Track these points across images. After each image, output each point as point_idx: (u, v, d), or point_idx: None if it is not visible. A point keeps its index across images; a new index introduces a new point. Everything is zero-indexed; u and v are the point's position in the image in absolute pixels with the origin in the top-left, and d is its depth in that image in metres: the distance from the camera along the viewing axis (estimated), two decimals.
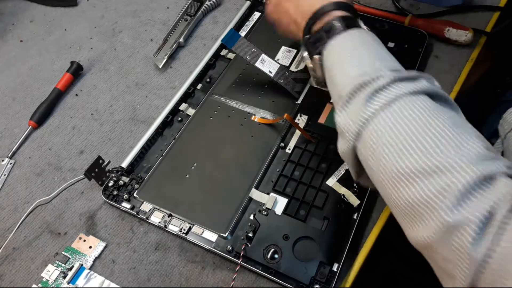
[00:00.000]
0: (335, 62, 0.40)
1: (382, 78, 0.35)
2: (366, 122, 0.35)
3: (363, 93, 0.35)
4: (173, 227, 0.48)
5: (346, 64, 0.38)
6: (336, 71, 0.39)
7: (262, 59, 0.58)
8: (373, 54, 0.39)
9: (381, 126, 0.34)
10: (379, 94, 0.35)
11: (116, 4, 0.76)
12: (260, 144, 0.54)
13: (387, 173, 0.33)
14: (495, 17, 0.67)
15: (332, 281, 0.43)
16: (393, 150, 0.33)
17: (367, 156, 0.35)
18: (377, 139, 0.34)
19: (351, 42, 0.40)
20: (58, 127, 0.60)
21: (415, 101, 0.34)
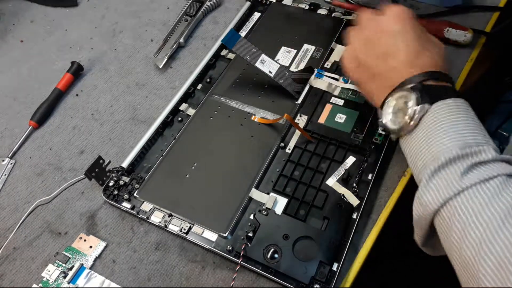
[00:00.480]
0: (441, 122, 0.38)
1: (484, 153, 0.35)
2: (461, 192, 0.34)
3: (464, 163, 0.35)
4: (173, 227, 0.48)
5: (452, 128, 0.37)
6: (438, 132, 0.38)
7: (262, 59, 0.58)
8: (478, 128, 0.38)
9: (476, 199, 0.33)
10: (480, 168, 0.34)
11: (117, 5, 0.76)
12: (260, 144, 0.54)
13: (474, 251, 0.32)
14: (494, 17, 0.67)
15: (332, 280, 0.43)
16: (486, 228, 0.32)
17: (451, 227, 0.34)
18: (469, 212, 0.33)
19: (459, 109, 0.39)
20: (58, 127, 0.60)
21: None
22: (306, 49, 0.64)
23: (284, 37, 0.66)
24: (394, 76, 0.42)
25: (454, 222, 0.34)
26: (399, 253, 0.74)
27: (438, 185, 0.35)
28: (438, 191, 0.35)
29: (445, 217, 0.35)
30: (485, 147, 0.35)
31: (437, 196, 0.35)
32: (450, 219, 0.34)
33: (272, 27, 0.68)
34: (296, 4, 0.71)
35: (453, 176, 0.34)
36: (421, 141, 0.39)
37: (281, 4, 0.71)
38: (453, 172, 0.35)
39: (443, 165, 0.35)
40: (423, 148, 0.38)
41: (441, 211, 0.35)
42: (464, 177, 0.34)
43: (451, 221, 0.34)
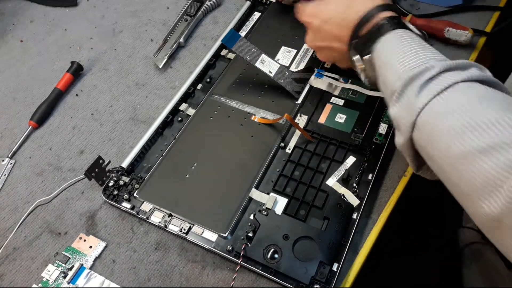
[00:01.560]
0: (385, 60, 0.41)
1: (432, 68, 0.36)
2: (420, 112, 0.35)
3: (414, 85, 0.36)
4: (173, 227, 0.48)
5: (395, 60, 0.39)
6: (386, 68, 0.41)
7: (262, 59, 0.58)
8: (420, 49, 0.39)
9: (435, 112, 0.35)
10: (431, 84, 0.36)
11: (116, 4, 0.76)
12: (260, 144, 0.54)
13: (447, 157, 0.34)
14: (495, 17, 0.67)
15: (332, 281, 0.43)
16: (451, 134, 0.33)
17: (425, 145, 0.36)
18: (433, 126, 0.35)
19: (398, 40, 0.41)
20: (58, 127, 0.60)
21: (467, 87, 0.35)
22: (306, 49, 0.64)
23: (284, 37, 0.66)
24: (342, 38, 0.47)
25: (425, 141, 0.36)
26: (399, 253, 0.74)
27: (402, 114, 0.37)
28: (404, 118, 0.37)
29: (418, 139, 0.37)
30: (430, 62, 0.37)
31: (404, 124, 0.37)
32: (422, 140, 0.36)
33: (272, 27, 0.68)
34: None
35: (410, 101, 0.36)
36: (380, 82, 0.43)
37: (281, 4, 0.71)
38: (409, 97, 0.37)
39: (400, 94, 0.38)
40: (383, 88, 0.42)
41: (414, 136, 0.37)
42: (418, 97, 0.36)
43: (423, 141, 0.36)
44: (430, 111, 0.35)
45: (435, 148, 0.35)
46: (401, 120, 0.37)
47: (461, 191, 0.34)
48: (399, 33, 0.41)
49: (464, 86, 0.34)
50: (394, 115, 0.39)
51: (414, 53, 0.39)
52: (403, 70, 0.38)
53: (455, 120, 0.33)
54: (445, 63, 0.36)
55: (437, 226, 0.72)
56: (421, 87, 0.36)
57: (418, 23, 0.64)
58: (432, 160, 0.36)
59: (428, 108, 0.35)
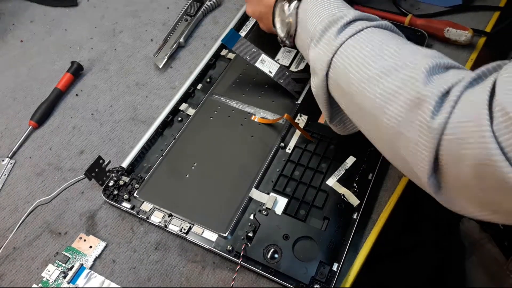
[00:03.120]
0: (309, 10, 0.46)
1: (349, 15, 0.42)
2: (337, 50, 0.40)
3: (334, 28, 0.41)
4: (173, 227, 0.48)
5: (318, 10, 0.45)
6: (309, 17, 0.45)
7: (262, 59, 0.58)
8: (340, 2, 0.45)
9: (350, 50, 0.40)
10: (347, 27, 0.41)
11: (116, 4, 0.76)
12: (260, 144, 0.54)
13: (356, 83, 0.38)
14: (495, 17, 0.67)
15: (332, 281, 0.43)
16: (360, 64, 0.38)
17: (338, 80, 0.40)
18: (348, 62, 0.39)
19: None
20: (58, 127, 0.60)
21: (378, 30, 0.41)
22: None
23: None
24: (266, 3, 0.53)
25: (340, 76, 0.40)
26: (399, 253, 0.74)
27: (320, 53, 0.42)
28: (322, 57, 0.41)
29: (334, 77, 0.41)
30: (348, 11, 0.42)
31: (322, 62, 0.41)
32: (337, 77, 0.41)
33: None
34: None
35: (328, 41, 0.41)
36: (302, 32, 0.47)
37: None
38: (328, 38, 0.41)
39: (320, 37, 0.42)
40: (304, 37, 0.46)
41: (330, 74, 0.41)
42: (337, 37, 0.41)
43: (338, 77, 0.40)
44: (345, 49, 0.40)
45: (347, 80, 0.39)
46: (319, 61, 0.42)
47: (367, 112, 0.38)
48: None
49: (374, 30, 0.40)
50: (313, 56, 0.43)
51: (333, 5, 0.44)
52: (324, 16, 0.43)
53: (365, 52, 0.38)
54: (360, 13, 0.42)
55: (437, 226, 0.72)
56: (339, 29, 0.41)
57: (418, 23, 0.64)
58: (343, 93, 0.41)
59: (344, 46, 0.40)
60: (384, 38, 0.39)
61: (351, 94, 0.39)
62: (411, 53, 0.37)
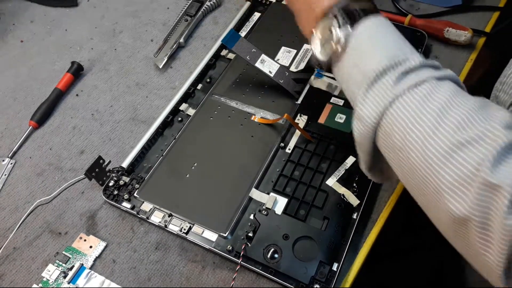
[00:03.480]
0: (365, 41, 0.39)
1: (413, 60, 0.36)
2: (395, 99, 0.35)
3: (394, 72, 0.36)
4: (174, 226, 0.48)
5: (377, 45, 0.38)
6: (364, 50, 0.39)
7: (262, 59, 0.58)
8: (402, 40, 0.39)
9: (411, 103, 0.34)
10: (409, 75, 0.36)
11: (117, 5, 0.76)
12: (260, 144, 0.54)
13: (419, 152, 0.33)
14: (494, 17, 0.67)
15: (332, 280, 0.44)
16: (425, 127, 0.33)
17: (392, 135, 0.35)
18: (407, 116, 0.34)
19: (381, 26, 0.40)
20: (58, 127, 0.60)
21: (444, 83, 0.35)
22: (306, 49, 0.64)
23: (284, 37, 0.66)
24: (316, 7, 0.43)
25: (395, 130, 0.35)
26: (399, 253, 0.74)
27: (374, 99, 0.36)
28: (374, 104, 0.36)
29: (386, 128, 0.36)
30: (412, 56, 0.37)
31: (374, 109, 0.36)
32: (391, 128, 0.35)
33: (272, 27, 0.68)
34: None
35: (386, 87, 0.36)
36: (350, 65, 0.40)
37: (281, 4, 0.71)
38: (385, 83, 0.36)
39: (375, 79, 0.36)
40: (352, 71, 0.39)
41: (381, 123, 0.36)
42: (396, 85, 0.35)
43: (392, 130, 0.35)
44: (406, 100, 0.35)
45: (406, 138, 0.35)
46: (371, 106, 0.36)
47: (428, 187, 0.34)
48: (382, 20, 0.40)
49: (440, 83, 0.35)
50: (362, 99, 0.37)
51: (396, 42, 0.39)
52: (384, 57, 0.37)
53: (432, 113, 0.34)
54: (424, 60, 0.37)
55: None
56: (400, 76, 0.36)
57: (418, 23, 0.64)
58: (398, 151, 0.36)
59: (405, 97, 0.35)
60: (452, 94, 0.34)
61: (405, 151, 0.35)
62: (485, 118, 0.32)
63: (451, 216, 0.31)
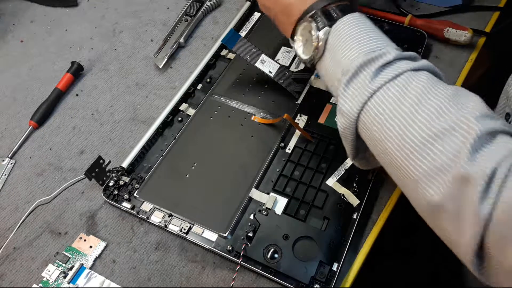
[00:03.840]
0: (343, 38, 0.40)
1: (388, 54, 0.37)
2: (373, 94, 0.36)
3: (371, 67, 0.37)
4: (173, 226, 0.48)
5: (354, 41, 0.39)
6: (343, 48, 0.40)
7: (262, 59, 0.58)
8: (378, 34, 0.40)
9: (388, 97, 0.36)
10: (386, 69, 0.37)
11: (117, 5, 0.76)
12: (260, 144, 0.54)
13: (396, 144, 0.35)
14: (494, 17, 0.67)
15: (332, 280, 0.44)
16: (401, 119, 0.35)
17: (372, 128, 0.37)
18: (384, 110, 0.36)
19: (357, 22, 0.41)
20: (58, 127, 0.60)
21: (419, 75, 0.36)
22: None
23: (284, 37, 0.66)
24: (293, 10, 0.45)
25: (374, 123, 0.36)
26: (399, 253, 0.74)
27: (353, 93, 0.38)
28: (354, 98, 0.37)
29: (365, 121, 0.37)
30: (387, 49, 0.38)
31: (354, 104, 0.37)
32: (370, 122, 0.37)
33: (272, 27, 0.67)
34: None
35: (364, 82, 0.37)
36: (330, 61, 0.41)
37: None
38: (364, 78, 0.37)
39: (353, 75, 0.38)
40: (333, 67, 0.41)
41: (361, 117, 0.38)
42: (373, 80, 0.37)
43: (371, 124, 0.37)
44: (383, 94, 0.36)
45: (382, 128, 0.36)
46: (350, 101, 0.38)
47: (405, 175, 0.35)
48: (358, 16, 0.42)
49: (416, 74, 0.37)
50: (343, 95, 0.39)
51: (372, 37, 0.40)
52: (361, 52, 0.38)
53: (406, 104, 0.35)
54: (400, 52, 0.38)
55: None
56: (377, 70, 0.37)
57: (418, 23, 0.64)
58: (377, 143, 0.37)
59: (382, 91, 0.36)
60: (427, 85, 0.35)
61: (384, 143, 0.36)
62: (458, 108, 0.33)
63: (427, 203, 0.33)
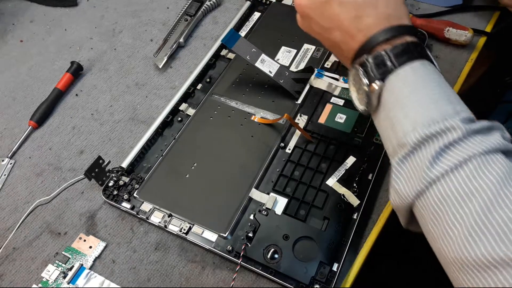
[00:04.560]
0: (398, 98, 0.34)
1: (454, 130, 0.31)
2: (432, 183, 0.31)
3: (432, 147, 0.31)
4: (173, 227, 0.48)
5: (413, 105, 0.33)
6: (398, 111, 0.34)
7: (262, 59, 0.58)
8: (441, 95, 0.33)
9: (450, 192, 0.30)
10: (450, 151, 0.31)
11: (116, 4, 0.76)
12: (260, 144, 0.54)
13: (452, 252, 0.29)
14: (495, 17, 0.67)
15: (332, 281, 0.43)
16: (464, 227, 0.28)
17: (428, 219, 0.32)
18: (445, 206, 0.30)
19: (417, 77, 0.34)
20: (58, 127, 0.60)
21: (491, 163, 0.30)
22: (306, 49, 0.64)
23: (284, 37, 0.66)
24: (344, 48, 0.38)
25: (430, 218, 0.31)
26: (399, 253, 0.74)
27: (409, 175, 0.32)
28: (410, 181, 0.32)
29: (421, 210, 0.32)
30: (454, 121, 0.31)
31: (409, 188, 0.32)
32: (426, 214, 0.32)
33: (272, 27, 0.68)
34: None
35: (422, 165, 0.31)
36: (384, 122, 0.35)
37: (281, 4, 0.71)
38: (422, 159, 0.31)
39: (410, 151, 0.32)
40: (388, 130, 0.35)
41: (416, 203, 0.32)
42: (435, 165, 0.31)
43: (427, 214, 0.32)
44: (444, 187, 0.30)
45: (442, 233, 0.30)
46: (406, 182, 0.32)
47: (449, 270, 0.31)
48: (418, 68, 0.34)
49: (487, 161, 0.30)
50: (398, 171, 0.33)
51: (435, 100, 0.33)
52: (420, 122, 0.32)
53: (473, 208, 0.28)
54: (470, 126, 0.31)
55: None
56: (439, 153, 0.30)
57: (418, 23, 0.64)
58: (430, 235, 0.32)
59: (443, 183, 0.30)
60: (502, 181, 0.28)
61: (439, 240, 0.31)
62: None
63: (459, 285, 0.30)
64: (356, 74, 0.37)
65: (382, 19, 0.36)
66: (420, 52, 0.35)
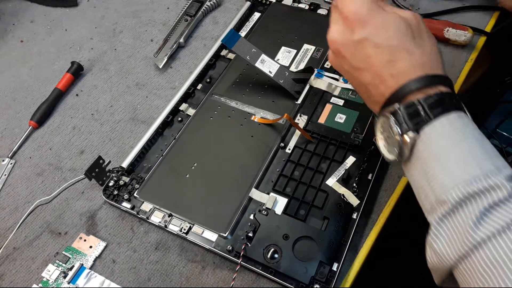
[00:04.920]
0: (436, 152, 0.32)
1: (498, 189, 0.29)
2: (478, 246, 0.29)
3: (475, 206, 0.29)
4: (173, 227, 0.48)
5: (450, 159, 0.31)
6: (435, 164, 0.32)
7: (262, 59, 0.58)
8: (481, 150, 0.31)
9: (498, 256, 0.28)
10: (496, 211, 0.29)
11: (117, 5, 0.76)
12: (260, 144, 0.54)
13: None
14: (494, 17, 0.67)
15: (332, 280, 0.43)
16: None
17: (473, 283, 0.29)
18: (494, 272, 0.28)
19: (456, 131, 0.32)
20: (58, 127, 0.60)
21: None
22: (306, 49, 0.64)
23: (284, 37, 0.66)
24: (373, 91, 0.36)
25: (476, 280, 0.29)
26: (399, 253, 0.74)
27: (450, 235, 0.30)
28: (451, 242, 0.30)
29: (465, 273, 0.30)
30: (498, 179, 0.29)
31: (450, 249, 0.30)
32: (471, 277, 0.29)
33: (272, 27, 0.68)
34: (296, 4, 0.71)
35: (465, 225, 0.29)
36: (419, 175, 0.33)
37: (281, 4, 0.71)
38: (465, 219, 0.29)
39: (451, 210, 0.30)
40: (423, 184, 0.33)
41: (459, 266, 0.30)
42: (479, 226, 0.29)
43: (471, 278, 0.29)
44: (491, 250, 0.28)
45: None
46: (447, 242, 0.30)
47: None
48: (455, 120, 0.32)
49: None
50: (436, 229, 0.31)
51: (476, 156, 0.31)
52: (461, 178, 0.30)
53: None
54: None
55: None
56: (483, 213, 0.29)
57: None
58: None
59: (490, 247, 0.28)
60: None
61: None
62: None
63: None
64: (385, 122, 0.35)
65: (416, 66, 0.34)
66: (455, 104, 0.33)
